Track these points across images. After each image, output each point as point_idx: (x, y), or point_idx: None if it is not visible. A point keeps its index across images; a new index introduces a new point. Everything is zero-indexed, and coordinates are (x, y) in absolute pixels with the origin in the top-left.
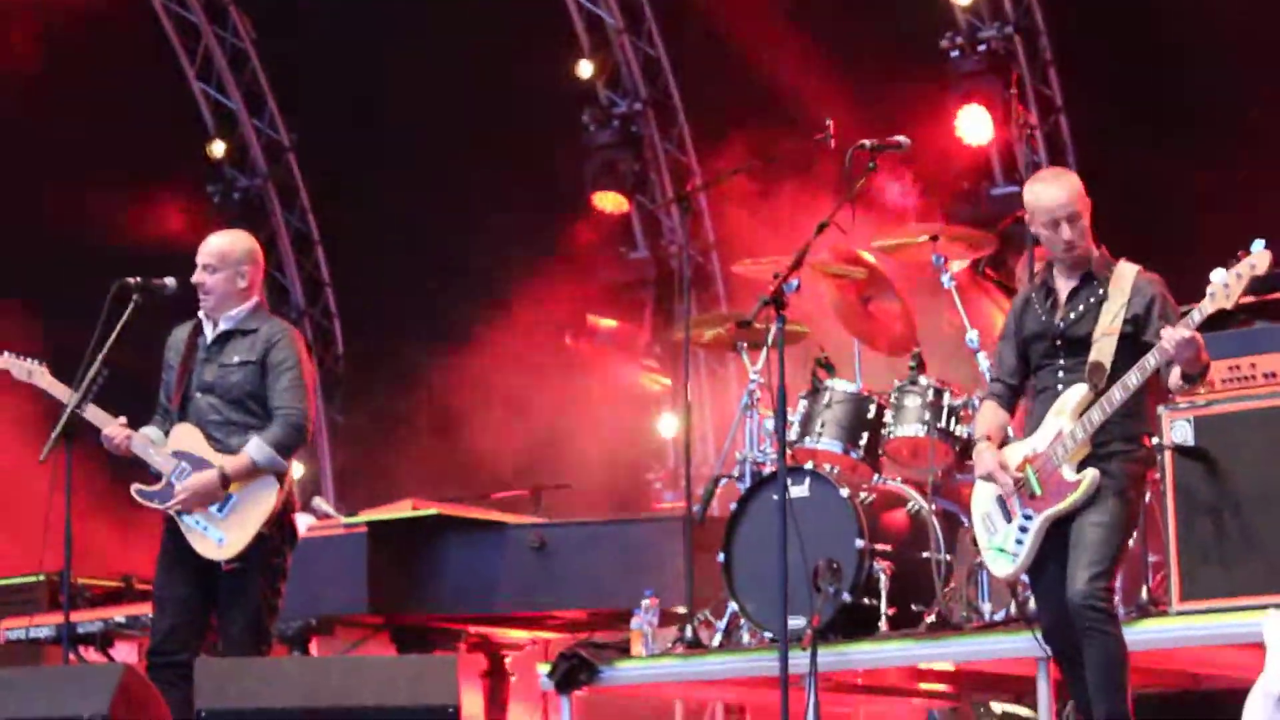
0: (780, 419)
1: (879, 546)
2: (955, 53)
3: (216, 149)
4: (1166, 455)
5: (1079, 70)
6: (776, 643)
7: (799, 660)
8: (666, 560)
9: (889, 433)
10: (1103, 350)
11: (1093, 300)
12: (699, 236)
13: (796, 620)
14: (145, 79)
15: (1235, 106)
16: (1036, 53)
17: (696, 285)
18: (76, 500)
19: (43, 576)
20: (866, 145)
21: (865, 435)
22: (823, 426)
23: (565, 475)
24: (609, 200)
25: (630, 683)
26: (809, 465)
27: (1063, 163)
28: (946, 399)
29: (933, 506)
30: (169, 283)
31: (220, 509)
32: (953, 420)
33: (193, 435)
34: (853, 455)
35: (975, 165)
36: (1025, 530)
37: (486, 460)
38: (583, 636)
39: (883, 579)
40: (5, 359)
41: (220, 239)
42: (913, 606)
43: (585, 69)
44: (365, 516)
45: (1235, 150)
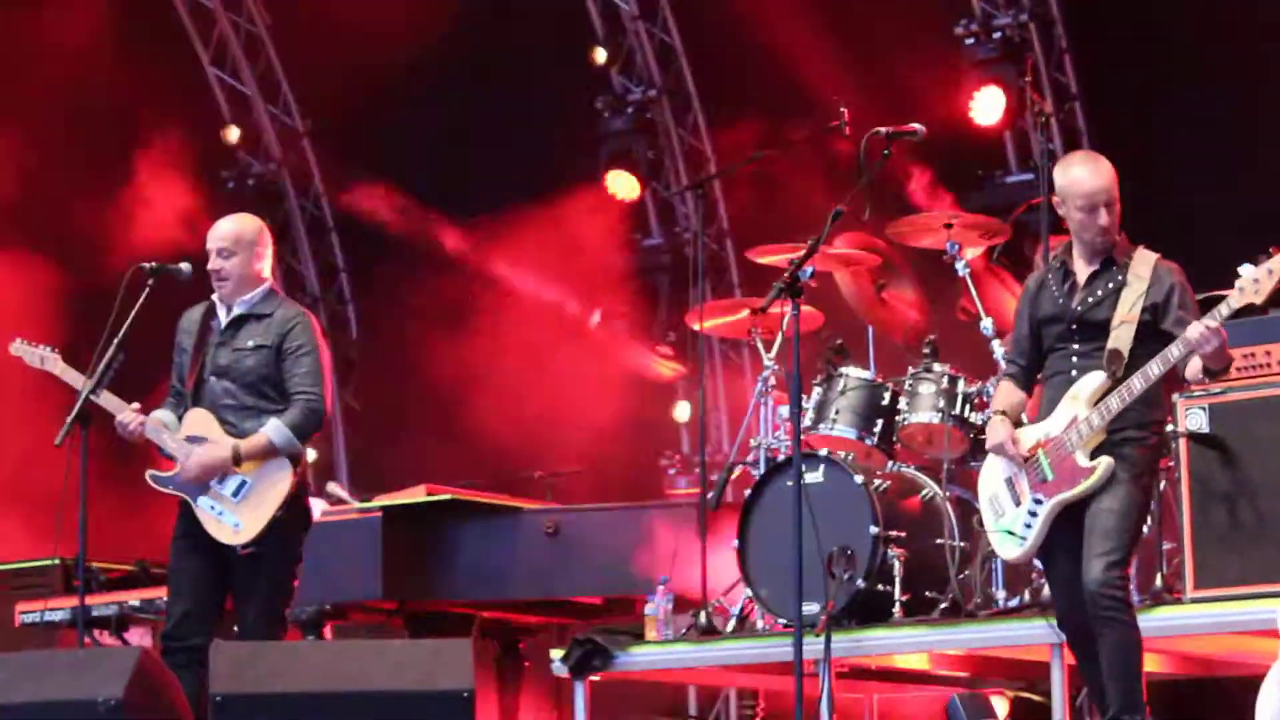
0: (795, 405)
1: (893, 533)
2: (970, 40)
3: (231, 134)
4: (1181, 443)
5: (1094, 58)
6: (791, 629)
7: (813, 646)
8: (681, 546)
9: (903, 419)
10: (1121, 338)
11: (1111, 286)
12: (713, 223)
13: (811, 606)
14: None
15: (1251, 94)
16: (1052, 40)
17: (711, 272)
18: (91, 484)
19: (58, 560)
20: (882, 133)
21: (880, 422)
22: (837, 413)
23: (579, 461)
24: (622, 183)
25: (644, 668)
26: (824, 452)
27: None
28: (961, 386)
29: (947, 493)
30: (184, 267)
31: (235, 493)
32: (967, 407)
33: (206, 420)
34: (867, 442)
35: (989, 152)
36: (1035, 514)
37: (500, 446)
38: (597, 622)
39: (897, 565)
40: (18, 346)
41: (230, 223)
42: (927, 593)
43: (600, 55)
44: (380, 501)
45: (1252, 136)
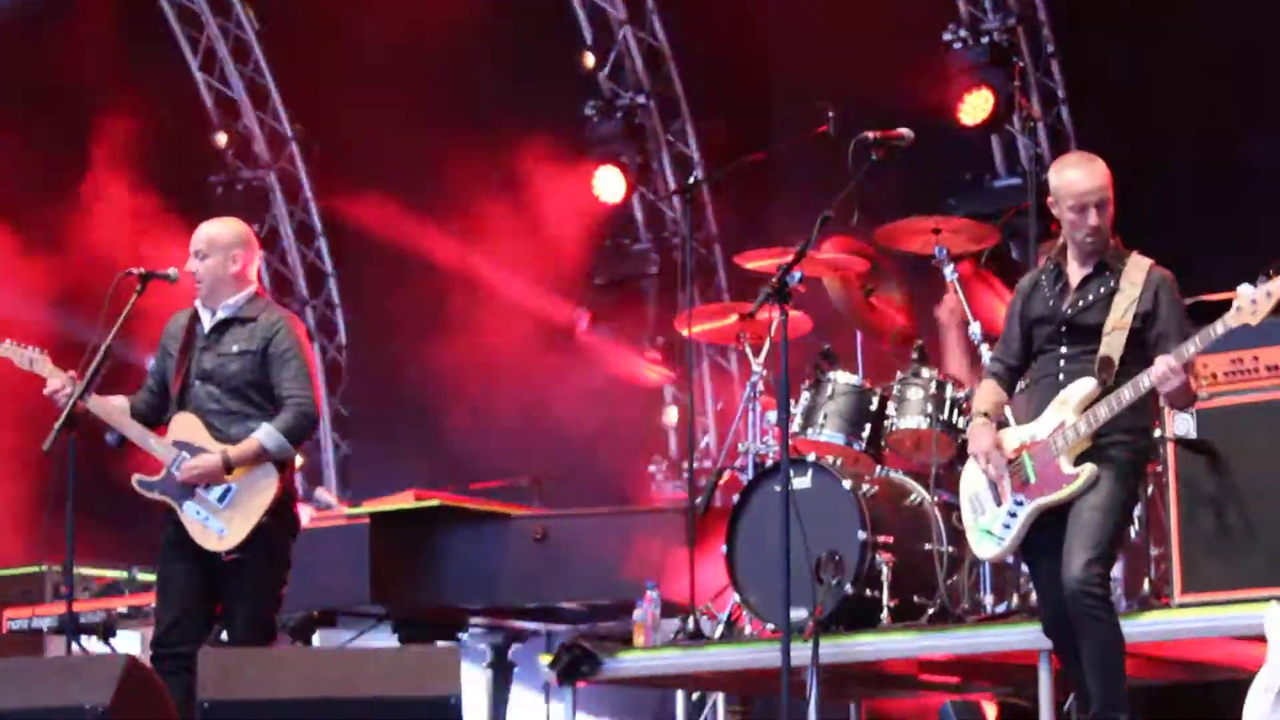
0: (783, 410)
1: (881, 538)
2: (958, 45)
3: (220, 139)
4: (1169, 447)
5: (1081, 62)
6: (779, 634)
7: (801, 652)
8: (669, 552)
9: (891, 425)
10: (1112, 345)
11: (1103, 290)
12: (702, 228)
13: (799, 612)
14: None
15: (1239, 97)
16: (1039, 44)
17: (699, 277)
18: (78, 490)
19: (45, 567)
20: (869, 138)
21: (868, 427)
22: (825, 418)
23: (567, 466)
24: (608, 182)
25: (632, 674)
26: (811, 457)
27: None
28: (949, 391)
29: (935, 498)
30: (171, 272)
31: (220, 499)
32: (955, 413)
33: (192, 424)
34: (855, 447)
35: (976, 156)
36: (1014, 515)
37: (488, 451)
38: (584, 627)
39: (885, 570)
40: (6, 347)
41: (210, 226)
42: (915, 598)
43: (588, 60)
44: (367, 507)
45: (1240, 140)
